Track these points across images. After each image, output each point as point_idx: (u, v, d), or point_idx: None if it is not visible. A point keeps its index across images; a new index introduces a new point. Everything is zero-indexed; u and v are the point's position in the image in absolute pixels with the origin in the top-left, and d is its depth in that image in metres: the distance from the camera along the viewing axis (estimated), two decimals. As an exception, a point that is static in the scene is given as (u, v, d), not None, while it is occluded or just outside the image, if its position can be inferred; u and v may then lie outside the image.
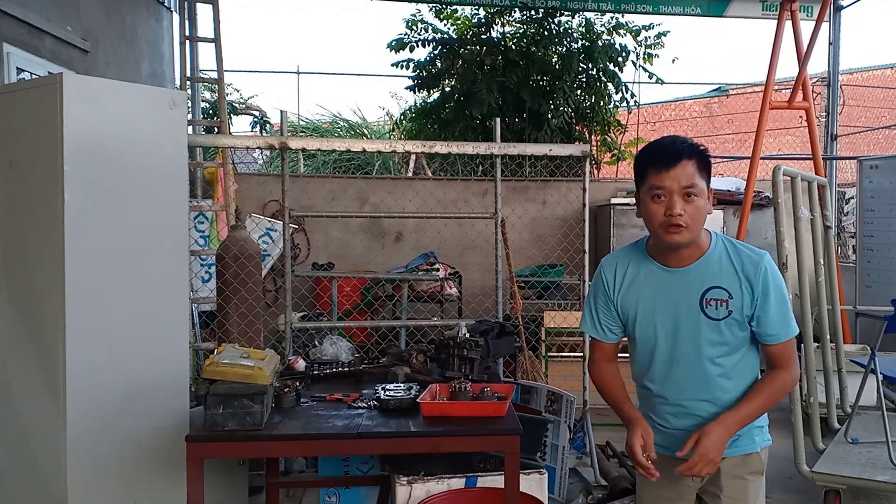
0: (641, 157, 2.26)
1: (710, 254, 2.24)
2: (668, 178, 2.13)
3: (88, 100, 3.09)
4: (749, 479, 2.33)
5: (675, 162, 2.13)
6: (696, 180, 2.14)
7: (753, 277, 2.20)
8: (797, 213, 4.27)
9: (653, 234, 2.26)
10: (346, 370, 3.67)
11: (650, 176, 2.17)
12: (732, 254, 2.24)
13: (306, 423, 2.90)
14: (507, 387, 3.20)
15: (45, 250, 3.08)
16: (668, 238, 2.18)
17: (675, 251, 2.24)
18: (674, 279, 2.26)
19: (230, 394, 2.78)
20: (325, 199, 8.00)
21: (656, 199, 2.17)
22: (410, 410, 2.99)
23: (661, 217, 2.15)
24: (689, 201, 2.13)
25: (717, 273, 2.22)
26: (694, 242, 2.22)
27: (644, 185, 2.21)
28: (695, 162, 2.15)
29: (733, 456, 2.30)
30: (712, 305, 2.21)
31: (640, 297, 2.32)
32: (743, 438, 2.31)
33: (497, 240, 4.81)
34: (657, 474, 2.19)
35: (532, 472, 3.57)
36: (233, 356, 2.93)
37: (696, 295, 2.23)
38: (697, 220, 2.16)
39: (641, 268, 2.33)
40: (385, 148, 4.68)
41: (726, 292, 2.20)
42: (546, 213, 8.10)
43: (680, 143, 2.19)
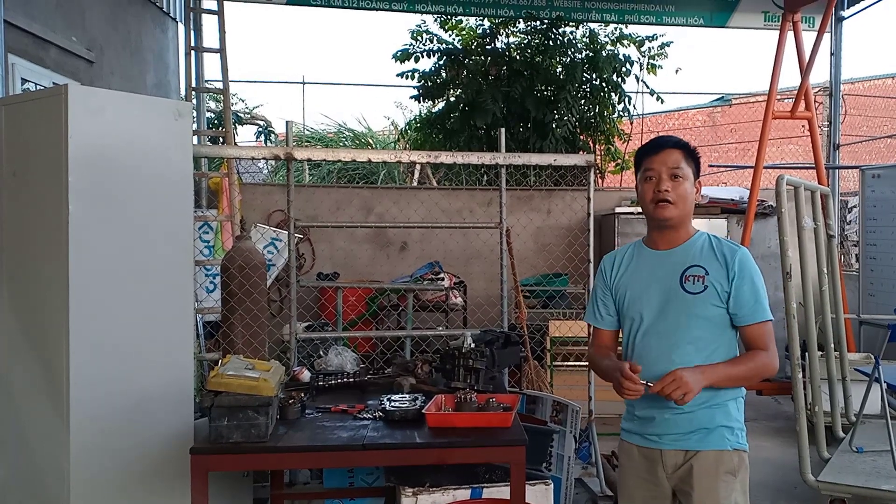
0: (638, 151, 2.62)
1: (694, 240, 2.52)
2: (657, 161, 2.47)
3: (93, 111, 3.10)
4: (722, 478, 2.41)
5: (662, 148, 2.49)
6: (682, 164, 2.46)
7: (730, 259, 2.44)
8: (801, 222, 4.27)
9: (647, 215, 2.56)
10: (351, 381, 3.68)
11: (644, 162, 2.52)
12: (714, 243, 2.51)
13: (311, 434, 2.90)
14: (513, 397, 3.19)
15: (49, 261, 3.08)
16: (657, 213, 2.47)
17: (665, 231, 2.52)
18: (661, 260, 2.53)
19: (235, 406, 2.78)
20: (330, 208, 8.01)
21: (648, 180, 2.48)
22: (416, 421, 2.99)
23: (652, 194, 2.46)
24: (675, 182, 2.45)
25: (697, 255, 2.48)
26: (681, 227, 2.51)
27: (640, 172, 2.54)
28: (681, 151, 2.49)
29: (706, 452, 2.43)
30: (690, 281, 2.45)
31: (632, 280, 2.58)
32: (714, 434, 2.44)
33: (502, 249, 4.81)
34: (641, 389, 2.32)
35: (538, 483, 3.56)
36: (238, 367, 2.93)
37: (678, 273, 2.47)
38: (684, 199, 2.46)
39: (636, 256, 2.62)
40: (390, 158, 4.69)
41: (703, 269, 2.44)
42: (551, 223, 8.10)
43: (668, 137, 2.57)
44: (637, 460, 2.56)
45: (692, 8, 8.73)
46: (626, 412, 2.63)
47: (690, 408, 2.39)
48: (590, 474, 4.73)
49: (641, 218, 7.45)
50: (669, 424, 2.46)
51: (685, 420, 2.44)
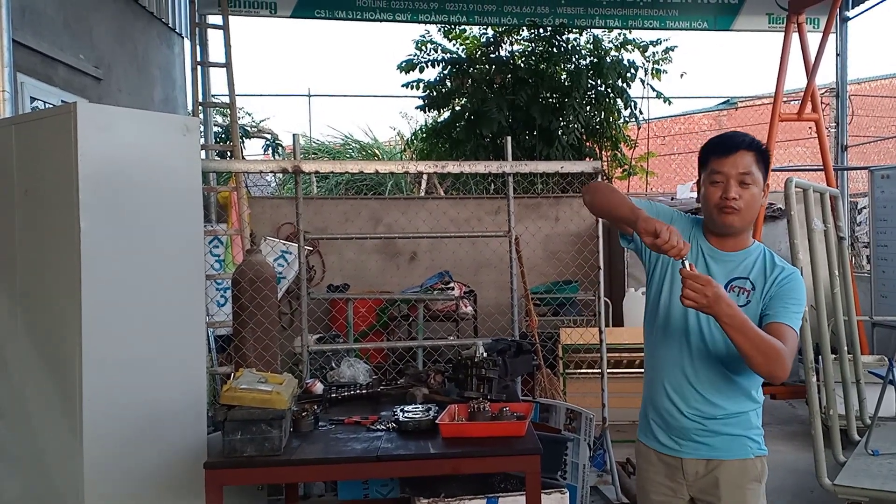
0: (705, 147, 2.41)
1: (750, 251, 2.39)
2: (727, 164, 2.29)
3: (102, 128, 3.11)
4: (748, 488, 2.38)
5: (734, 150, 2.30)
6: (752, 169, 2.30)
7: (781, 277, 2.32)
8: (810, 224, 4.25)
9: (707, 217, 2.39)
10: (364, 392, 3.68)
11: (711, 162, 2.34)
12: (769, 259, 2.38)
13: (325, 446, 2.90)
14: (526, 406, 3.19)
15: (61, 278, 3.09)
16: (721, 219, 2.32)
17: (724, 236, 2.38)
18: (714, 258, 2.38)
19: (248, 419, 2.78)
20: (338, 220, 8.02)
21: (715, 184, 2.32)
22: (429, 432, 2.98)
23: (717, 199, 2.30)
24: (744, 188, 2.29)
25: (749, 267, 2.35)
26: (742, 233, 2.38)
27: (705, 172, 2.37)
28: (753, 154, 2.31)
29: (731, 462, 2.37)
30: (734, 292, 2.31)
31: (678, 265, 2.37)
32: (736, 443, 2.38)
33: (511, 257, 4.81)
34: (686, 244, 2.11)
35: (553, 492, 3.54)
36: (250, 381, 2.93)
37: (725, 279, 2.33)
38: (751, 206, 2.32)
39: (693, 235, 2.43)
40: (398, 169, 4.70)
41: (751, 283, 2.33)
42: (559, 230, 8.09)
43: (741, 136, 2.37)
44: (655, 464, 2.50)
45: (696, 12, 8.73)
46: (641, 415, 2.57)
47: (713, 416, 2.36)
48: (605, 482, 4.71)
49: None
50: (689, 433, 2.40)
51: (706, 429, 2.39)
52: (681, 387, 2.40)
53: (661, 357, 2.45)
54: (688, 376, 2.38)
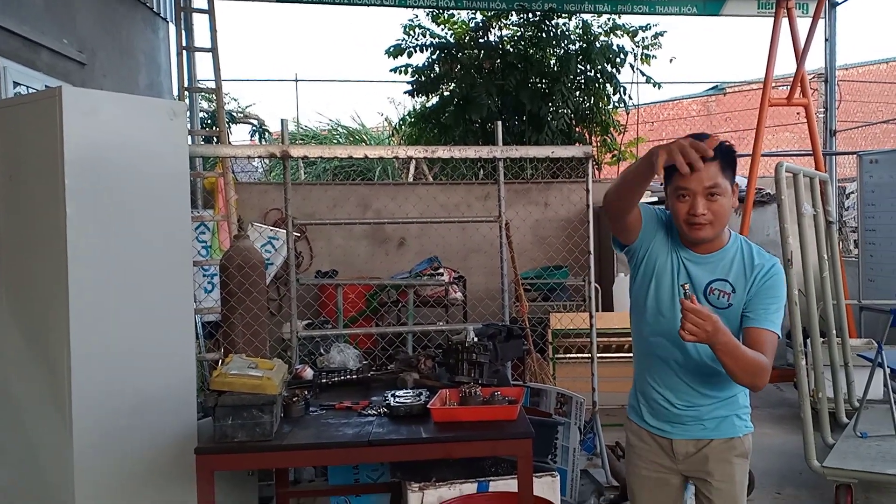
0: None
1: (727, 249, 2.37)
2: (692, 181, 2.21)
3: (88, 112, 3.07)
4: (735, 462, 2.45)
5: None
6: (718, 180, 2.22)
7: (761, 274, 2.33)
8: (800, 209, 4.27)
9: (678, 230, 2.36)
10: (355, 378, 3.65)
11: (675, 177, 2.24)
12: (747, 255, 2.36)
13: (316, 431, 2.88)
14: (518, 390, 3.18)
15: (47, 264, 3.06)
16: (691, 234, 2.30)
17: (697, 244, 2.36)
18: (692, 262, 2.38)
19: (239, 405, 2.76)
20: (327, 206, 7.99)
21: (681, 199, 2.27)
22: (421, 416, 2.97)
23: (685, 215, 2.27)
24: (711, 200, 2.24)
25: (727, 267, 2.35)
26: (717, 238, 2.35)
27: (670, 186, 2.30)
28: (717, 163, 2.21)
29: (718, 440, 2.44)
30: (714, 295, 2.34)
31: (663, 265, 2.41)
32: (726, 423, 2.44)
33: (501, 243, 4.80)
34: (710, 150, 2.06)
35: (544, 475, 3.53)
36: (241, 367, 2.91)
37: (704, 282, 2.36)
38: (720, 216, 2.28)
39: (672, 239, 2.42)
40: (387, 154, 4.67)
41: (730, 286, 2.33)
42: (549, 215, 8.08)
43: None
44: (647, 441, 2.56)
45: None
46: (632, 396, 2.62)
47: (702, 405, 2.43)
48: (595, 465, 4.73)
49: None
50: (681, 419, 2.46)
51: (697, 416, 2.45)
52: (671, 380, 2.45)
53: (651, 352, 2.48)
54: (677, 372, 2.43)
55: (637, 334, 2.56)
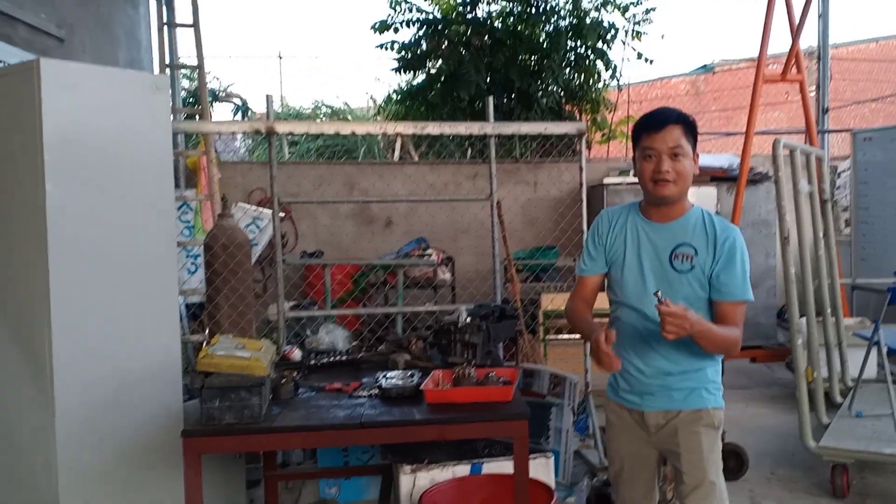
0: (636, 125, 2.55)
1: (688, 216, 2.53)
2: (657, 140, 2.43)
3: (67, 86, 2.94)
4: (702, 431, 2.53)
5: (662, 126, 2.43)
6: (681, 142, 2.43)
7: (721, 242, 2.46)
8: (797, 186, 4.19)
9: (644, 190, 2.53)
10: (345, 359, 3.57)
11: (642, 139, 2.48)
12: (707, 221, 2.51)
13: (306, 413, 2.80)
14: (512, 371, 3.10)
15: (26, 243, 2.94)
16: (656, 191, 2.46)
17: (661, 206, 2.52)
18: (654, 233, 2.54)
19: (226, 386, 2.68)
20: (312, 185, 7.86)
21: (647, 159, 2.46)
22: (413, 398, 2.90)
23: (651, 173, 2.45)
24: (675, 160, 2.43)
25: (689, 233, 2.49)
26: (678, 202, 2.51)
27: (638, 148, 2.51)
28: (681, 127, 2.44)
29: (686, 411, 2.53)
30: (679, 259, 2.48)
31: (627, 245, 2.58)
32: (694, 395, 2.53)
33: (493, 222, 4.70)
34: (619, 363, 2.38)
35: (538, 457, 3.48)
36: (228, 347, 2.82)
37: (668, 249, 2.50)
38: (683, 177, 2.45)
39: (630, 221, 2.60)
40: (376, 130, 4.56)
41: (693, 249, 2.47)
42: (538, 195, 7.98)
43: (668, 111, 2.50)
44: (625, 418, 2.65)
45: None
46: (610, 376, 2.71)
47: (670, 372, 2.52)
48: (587, 446, 4.67)
49: (631, 189, 7.41)
50: (650, 388, 2.56)
51: (665, 385, 2.54)
52: (640, 347, 2.55)
53: (623, 324, 2.58)
54: (645, 338, 2.53)
55: (613, 307, 2.68)
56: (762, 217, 7.21)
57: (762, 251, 7.23)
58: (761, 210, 7.18)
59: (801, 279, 4.13)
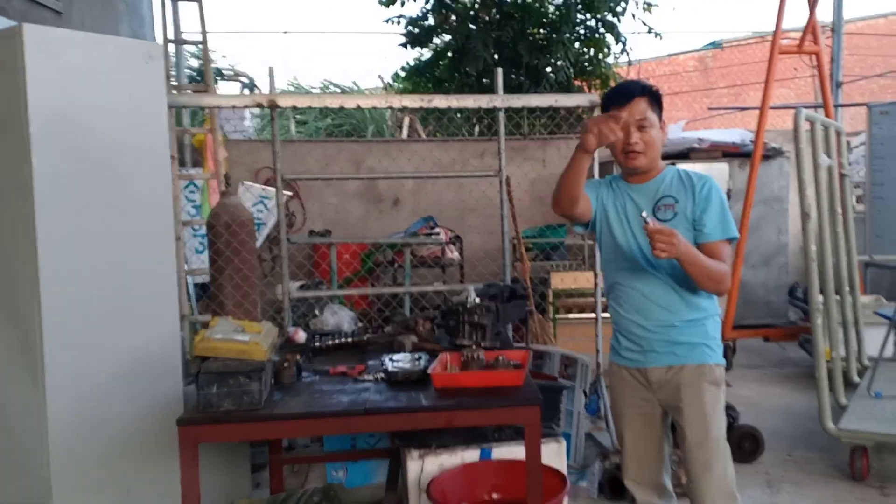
0: (604, 99, 2.69)
1: (664, 174, 2.66)
2: (624, 113, 2.51)
3: (54, 54, 2.82)
4: (705, 387, 2.58)
5: (629, 99, 2.54)
6: (647, 114, 2.55)
7: (698, 189, 2.58)
8: (817, 159, 4.04)
9: (617, 162, 2.67)
10: (350, 341, 3.46)
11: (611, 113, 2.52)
12: (682, 175, 2.65)
13: (309, 399, 2.69)
14: (522, 353, 2.99)
15: (13, 222, 2.83)
16: (627, 163, 2.60)
17: (637, 175, 2.65)
18: (635, 192, 2.66)
19: (224, 371, 2.56)
20: (318, 164, 7.76)
21: None
22: (420, 382, 2.78)
23: (622, 145, 2.56)
24: (643, 131, 2.55)
25: (668, 187, 2.63)
26: (651, 169, 2.63)
27: None
28: (646, 99, 2.56)
29: (690, 366, 2.58)
30: (661, 210, 2.59)
31: (614, 204, 2.70)
32: (696, 350, 2.59)
33: (502, 199, 4.56)
34: (620, 130, 2.43)
35: (550, 441, 3.37)
36: (226, 330, 2.71)
37: (651, 204, 2.61)
38: (652, 146, 2.57)
39: (614, 185, 2.75)
40: (381, 104, 4.42)
41: (673, 198, 2.59)
42: (547, 173, 7.84)
43: (633, 84, 2.64)
44: (628, 381, 2.71)
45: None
46: (612, 340, 2.79)
47: (671, 324, 2.58)
48: (599, 429, 4.56)
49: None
50: (653, 343, 2.61)
51: (668, 339, 2.59)
52: (640, 304, 2.62)
53: (620, 285, 2.68)
54: (644, 293, 2.61)
55: (608, 278, 2.77)
56: (774, 193, 7.04)
57: (774, 228, 7.07)
58: (773, 186, 7.01)
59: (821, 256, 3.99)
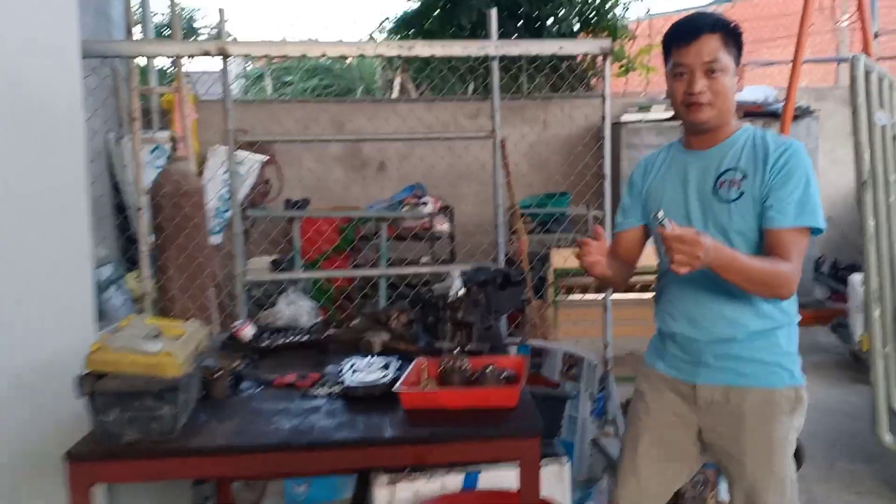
0: (666, 35, 2.12)
1: (735, 138, 2.11)
2: (689, 54, 2.03)
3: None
4: (775, 419, 2.05)
5: (695, 36, 2.02)
6: (719, 55, 2.01)
7: (774, 158, 2.00)
8: (872, 118, 3.39)
9: (678, 116, 2.14)
10: (306, 339, 2.83)
11: (673, 53, 2.07)
12: (759, 139, 2.07)
13: (240, 424, 2.08)
14: (518, 361, 2.37)
15: None
16: (690, 116, 2.08)
17: (701, 133, 2.12)
18: (697, 162, 2.14)
19: (125, 392, 1.95)
20: (295, 126, 7.11)
21: (679, 77, 2.06)
22: (386, 399, 2.16)
23: (682, 95, 2.06)
24: (712, 78, 2.02)
25: (736, 155, 2.07)
26: (721, 126, 2.09)
27: (668, 64, 2.11)
28: (719, 36, 2.02)
29: (755, 390, 2.06)
30: (724, 187, 2.06)
31: (664, 186, 2.20)
32: (765, 371, 2.06)
33: (495, 165, 3.90)
34: (600, 259, 2.03)
35: (550, 463, 2.76)
36: (132, 337, 2.08)
37: (712, 178, 2.09)
38: (723, 97, 2.03)
39: (671, 158, 2.23)
40: (352, 52, 3.74)
41: (741, 173, 2.04)
42: (547, 136, 7.18)
43: (703, 17, 2.06)
44: (662, 390, 2.22)
45: None
46: (655, 338, 2.30)
47: (732, 337, 2.06)
48: (607, 434, 3.94)
49: (653, 127, 6.57)
50: (706, 357, 2.10)
51: (727, 353, 2.08)
52: (691, 311, 2.13)
53: (671, 283, 2.19)
54: (696, 299, 2.11)
55: (659, 276, 2.30)
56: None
57: None
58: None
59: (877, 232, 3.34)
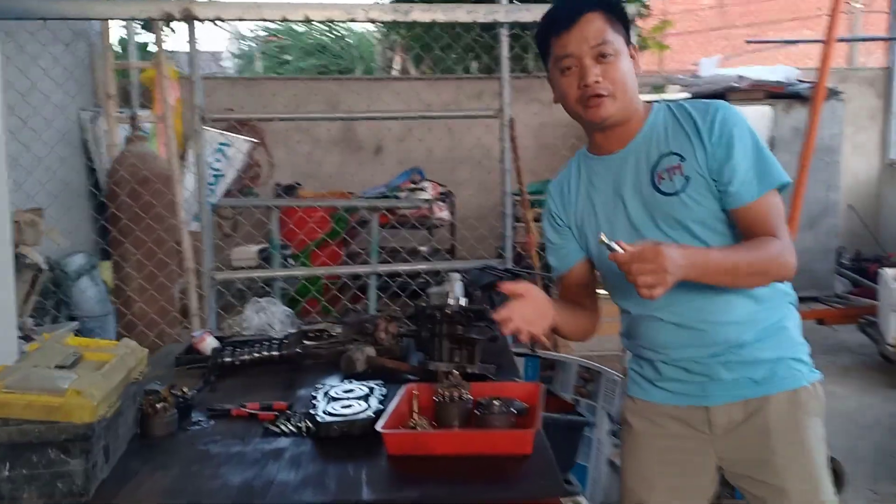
0: (540, 27, 1.81)
1: (651, 122, 1.78)
2: (572, 41, 1.71)
3: None
4: (806, 424, 1.71)
5: (576, 18, 1.70)
6: (607, 36, 1.70)
7: (706, 126, 1.70)
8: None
9: (576, 119, 1.79)
10: (276, 354, 2.39)
11: (553, 46, 1.75)
12: (679, 113, 1.75)
13: (179, 477, 1.64)
14: (531, 389, 1.93)
15: None
16: (590, 115, 1.72)
17: (609, 131, 1.76)
18: (617, 167, 1.79)
19: (21, 443, 1.51)
20: (286, 106, 6.69)
21: (566, 72, 1.73)
22: (366, 439, 1.73)
23: (577, 91, 1.72)
24: (605, 63, 1.70)
25: (662, 139, 1.75)
26: (630, 116, 1.75)
27: (550, 60, 1.79)
28: (601, 14, 1.71)
29: (774, 396, 1.71)
30: (665, 178, 1.72)
31: (594, 205, 1.84)
32: (783, 368, 1.72)
33: (503, 148, 3.44)
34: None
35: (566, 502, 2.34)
36: (37, 367, 1.63)
37: (646, 175, 1.75)
38: (622, 84, 1.71)
39: (584, 172, 1.87)
40: (340, 17, 3.29)
41: (676, 157, 1.72)
42: (555, 118, 6.73)
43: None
44: (663, 425, 1.82)
45: None
46: (633, 357, 1.90)
47: (738, 342, 1.70)
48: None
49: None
50: (714, 368, 1.73)
51: (739, 359, 1.71)
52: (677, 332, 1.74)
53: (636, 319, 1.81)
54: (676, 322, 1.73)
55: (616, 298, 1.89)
56: (825, 143, 6.20)
57: (823, 184, 6.40)
58: (824, 134, 6.03)
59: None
